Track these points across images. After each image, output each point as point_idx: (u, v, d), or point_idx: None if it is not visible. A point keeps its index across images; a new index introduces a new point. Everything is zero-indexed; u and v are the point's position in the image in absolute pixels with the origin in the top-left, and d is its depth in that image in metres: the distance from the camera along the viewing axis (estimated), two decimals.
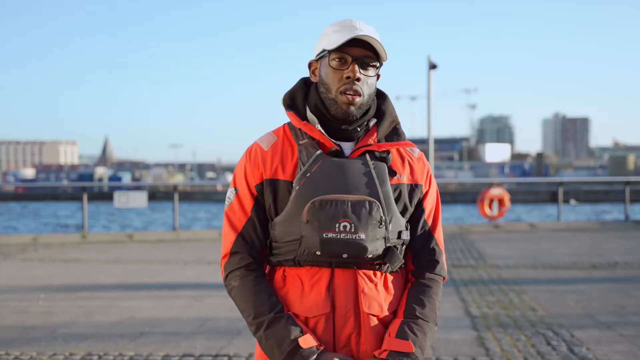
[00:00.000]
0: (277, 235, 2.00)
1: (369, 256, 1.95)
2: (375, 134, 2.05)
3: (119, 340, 5.93)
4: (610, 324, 6.33)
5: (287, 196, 1.98)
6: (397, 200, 2.03)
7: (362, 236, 1.93)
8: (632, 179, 20.26)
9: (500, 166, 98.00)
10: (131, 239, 14.66)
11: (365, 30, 1.98)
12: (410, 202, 2.07)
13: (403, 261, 2.07)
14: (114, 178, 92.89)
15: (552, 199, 45.98)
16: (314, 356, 1.89)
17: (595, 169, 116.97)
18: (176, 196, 15.73)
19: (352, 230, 1.92)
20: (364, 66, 1.99)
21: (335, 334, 1.97)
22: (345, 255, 1.94)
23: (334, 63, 1.98)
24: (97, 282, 9.06)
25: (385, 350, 1.93)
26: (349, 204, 1.93)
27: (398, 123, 2.10)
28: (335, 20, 2.05)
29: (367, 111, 2.05)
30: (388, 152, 2.04)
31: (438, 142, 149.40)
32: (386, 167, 2.01)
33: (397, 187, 2.03)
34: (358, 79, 1.97)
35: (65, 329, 6.38)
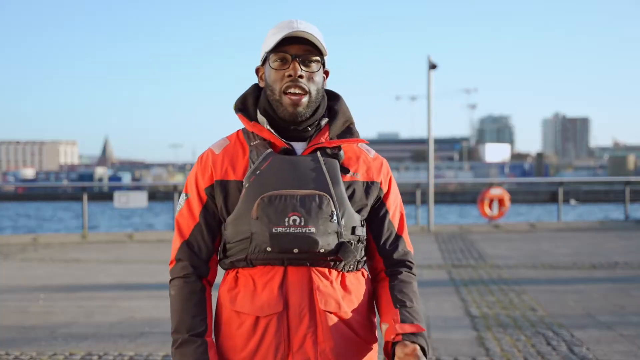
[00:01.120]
0: (229, 235, 1.99)
1: (321, 250, 1.92)
2: (327, 133, 2.03)
3: (119, 340, 5.93)
4: (610, 324, 6.33)
5: (237, 196, 1.97)
6: (351, 197, 2.00)
7: (313, 230, 1.90)
8: (632, 179, 20.29)
9: (500, 166, 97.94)
10: (131, 239, 14.67)
11: (303, 27, 1.96)
12: (367, 199, 2.04)
13: (359, 258, 2.03)
14: (114, 178, 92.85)
15: (552, 199, 45.93)
16: None
17: (595, 169, 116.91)
18: (176, 196, 15.74)
19: (302, 224, 1.90)
20: (306, 63, 1.97)
21: (289, 335, 1.93)
22: (296, 250, 1.91)
23: (275, 64, 1.97)
24: (97, 282, 9.06)
25: (397, 334, 1.92)
26: (299, 198, 1.91)
27: (352, 123, 2.08)
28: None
29: (317, 109, 2.03)
30: (339, 148, 2.02)
31: (438, 142, 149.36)
32: (338, 163, 1.99)
33: (350, 184, 2.01)
34: (301, 76, 1.95)
35: (65, 329, 6.38)
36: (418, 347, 1.88)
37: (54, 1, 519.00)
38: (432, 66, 16.28)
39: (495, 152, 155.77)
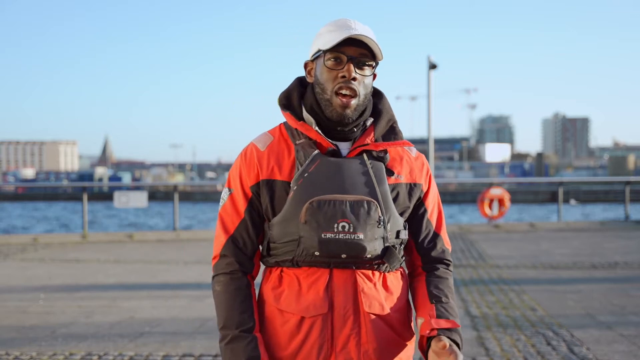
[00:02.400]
0: (275, 235, 1.99)
1: (368, 256, 1.94)
2: (372, 134, 2.03)
3: (119, 340, 5.93)
4: (610, 324, 6.33)
5: (284, 197, 1.97)
6: (395, 199, 2.01)
7: (361, 236, 1.92)
8: (632, 179, 20.27)
9: (500, 166, 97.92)
10: (131, 239, 14.66)
11: (361, 29, 1.96)
12: (410, 201, 2.05)
13: (402, 261, 2.06)
14: (114, 178, 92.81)
15: (552, 199, 45.96)
16: None
17: (595, 169, 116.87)
18: (176, 196, 15.73)
19: (351, 230, 1.91)
20: (360, 66, 1.97)
21: (333, 335, 1.94)
22: (344, 256, 1.93)
23: (329, 63, 1.96)
24: (97, 282, 9.06)
25: (433, 329, 1.93)
26: (347, 204, 1.92)
27: (395, 122, 2.08)
28: (335, 20, 2.03)
29: (364, 112, 2.02)
30: (385, 151, 2.02)
31: (438, 142, 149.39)
32: (384, 166, 2.00)
33: (395, 187, 2.01)
34: (354, 79, 1.95)
35: (65, 329, 6.38)
36: (452, 343, 1.90)
37: (54, 1, 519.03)
38: (432, 66, 16.30)
39: (495, 152, 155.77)
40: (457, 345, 1.92)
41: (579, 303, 7.30)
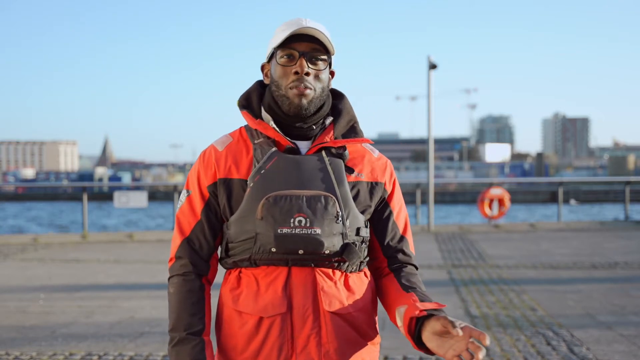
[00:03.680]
0: (232, 234, 1.97)
1: (326, 252, 1.91)
2: (331, 132, 2.02)
3: (119, 340, 5.93)
4: (610, 324, 6.33)
5: (241, 195, 1.95)
6: (355, 197, 1.99)
7: (318, 231, 1.89)
8: (632, 179, 20.26)
9: (500, 166, 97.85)
10: (131, 239, 14.67)
11: (312, 25, 1.96)
12: (371, 200, 2.03)
13: (361, 259, 2.01)
14: (114, 178, 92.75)
15: (552, 199, 45.94)
16: None
17: (595, 169, 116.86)
18: (176, 196, 15.74)
19: (308, 225, 1.88)
20: (313, 60, 1.96)
21: (293, 335, 1.91)
22: (301, 251, 1.89)
23: (282, 60, 1.96)
24: (97, 282, 9.06)
25: (420, 310, 1.87)
26: (304, 198, 1.90)
27: (356, 122, 2.07)
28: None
29: (321, 107, 2.02)
30: (344, 148, 2.01)
31: (438, 142, 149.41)
32: (343, 163, 1.98)
33: (355, 185, 2.00)
34: (307, 74, 1.94)
35: (65, 329, 6.38)
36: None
37: (54, 1, 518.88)
38: (432, 66, 16.29)
39: (495, 152, 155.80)
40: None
41: (579, 303, 7.30)
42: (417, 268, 2.10)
